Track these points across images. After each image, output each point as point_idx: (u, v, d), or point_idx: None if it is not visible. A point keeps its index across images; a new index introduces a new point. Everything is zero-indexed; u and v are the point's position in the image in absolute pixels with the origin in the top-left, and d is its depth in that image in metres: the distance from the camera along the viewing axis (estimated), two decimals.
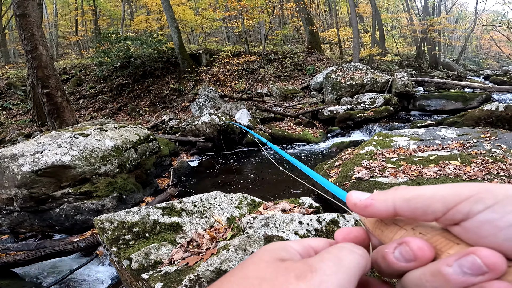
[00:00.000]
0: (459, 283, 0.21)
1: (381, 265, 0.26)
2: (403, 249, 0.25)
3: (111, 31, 14.28)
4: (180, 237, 1.43)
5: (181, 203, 1.63)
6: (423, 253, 0.24)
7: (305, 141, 7.52)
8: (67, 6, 23.98)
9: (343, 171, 4.04)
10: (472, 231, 0.23)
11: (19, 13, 6.20)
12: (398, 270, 0.25)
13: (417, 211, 0.25)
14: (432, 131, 5.08)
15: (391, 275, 0.27)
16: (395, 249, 0.25)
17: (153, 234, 1.42)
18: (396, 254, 0.25)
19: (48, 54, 6.96)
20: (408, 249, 0.24)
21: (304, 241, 0.29)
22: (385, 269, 0.26)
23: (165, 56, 14.05)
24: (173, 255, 1.28)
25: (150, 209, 1.54)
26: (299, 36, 21.56)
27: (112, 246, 1.34)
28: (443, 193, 0.25)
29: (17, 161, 3.67)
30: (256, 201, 1.81)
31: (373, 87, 10.14)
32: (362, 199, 0.28)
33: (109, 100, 13.01)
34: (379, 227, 0.29)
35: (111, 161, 4.06)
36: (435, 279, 0.22)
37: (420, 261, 0.24)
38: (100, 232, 1.42)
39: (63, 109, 7.23)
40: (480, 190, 0.23)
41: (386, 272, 0.27)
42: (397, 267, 0.25)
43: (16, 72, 14.82)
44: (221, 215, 1.58)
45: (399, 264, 0.25)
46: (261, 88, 12.07)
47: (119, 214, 1.48)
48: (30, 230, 3.89)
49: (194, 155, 7.23)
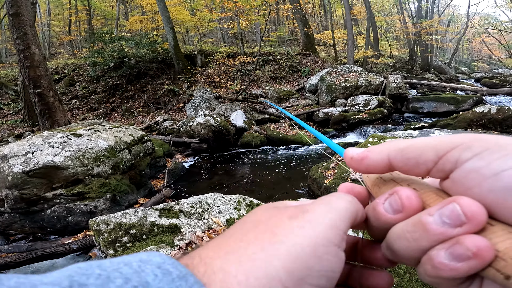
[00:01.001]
0: (437, 234, 0.21)
1: (371, 220, 0.27)
2: (393, 199, 0.25)
3: (105, 31, 14.15)
4: (179, 239, 1.41)
5: (179, 204, 1.60)
6: (410, 203, 0.24)
7: (300, 143, 7.53)
8: (61, 6, 23.72)
9: (339, 173, 4.04)
10: (459, 182, 0.22)
11: (12, 12, 6.12)
12: (385, 224, 0.25)
13: (409, 161, 0.25)
14: (426, 133, 5.12)
15: (379, 233, 0.27)
16: (386, 200, 0.25)
17: (151, 236, 1.39)
18: (385, 205, 0.25)
19: (40, 53, 6.86)
20: (397, 198, 0.24)
21: (301, 202, 0.30)
22: (375, 224, 0.26)
23: (160, 57, 13.96)
24: None
25: (148, 211, 1.51)
26: (294, 38, 21.64)
27: (108, 248, 1.31)
28: (435, 142, 0.25)
29: (8, 161, 3.59)
30: (254, 203, 1.79)
31: (367, 89, 10.21)
32: (358, 153, 0.29)
33: (102, 101, 12.86)
34: (378, 184, 0.29)
35: (105, 162, 4.01)
36: (415, 229, 0.22)
37: (406, 211, 0.24)
38: (95, 234, 1.39)
39: (55, 109, 7.13)
40: (471, 139, 0.23)
41: (375, 229, 0.27)
42: (384, 219, 0.25)
43: (8, 72, 14.59)
44: (219, 217, 1.56)
45: (387, 216, 0.25)
46: (256, 90, 12.06)
47: (116, 215, 1.45)
48: (21, 232, 3.81)
49: (189, 156, 7.18)
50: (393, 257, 0.25)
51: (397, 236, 0.24)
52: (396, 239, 0.24)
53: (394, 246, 0.24)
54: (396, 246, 0.24)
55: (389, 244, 0.25)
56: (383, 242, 0.26)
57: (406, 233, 0.23)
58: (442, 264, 0.21)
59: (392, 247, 0.25)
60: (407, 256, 0.23)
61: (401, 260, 0.25)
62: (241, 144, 7.59)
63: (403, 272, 1.45)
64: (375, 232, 0.28)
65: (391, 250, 0.25)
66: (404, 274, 1.45)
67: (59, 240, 3.23)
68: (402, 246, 0.23)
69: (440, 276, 0.21)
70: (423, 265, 0.22)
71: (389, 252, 0.26)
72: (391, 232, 0.25)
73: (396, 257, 0.25)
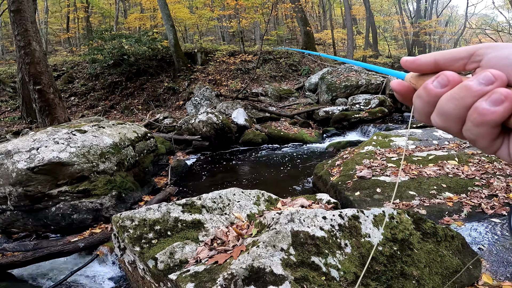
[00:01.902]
0: (478, 90, 0.30)
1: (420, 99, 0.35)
2: (440, 78, 0.33)
3: (105, 28, 14.02)
4: (203, 234, 1.39)
5: (201, 199, 1.58)
6: (454, 78, 0.32)
7: (302, 141, 7.52)
8: (59, 4, 23.49)
9: (345, 170, 4.04)
10: (486, 66, 0.32)
11: (14, 8, 6.05)
12: (435, 97, 0.33)
13: (451, 60, 0.34)
14: (430, 132, 5.14)
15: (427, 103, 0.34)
16: (433, 80, 0.33)
17: (175, 232, 1.37)
18: (434, 83, 0.33)
19: (41, 50, 6.79)
20: (444, 76, 0.33)
21: None
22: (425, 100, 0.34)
23: (160, 55, 13.88)
24: (199, 254, 1.24)
25: (171, 206, 1.49)
26: (293, 37, 21.63)
27: (134, 245, 1.29)
28: (466, 47, 0.35)
29: (12, 157, 3.54)
30: (273, 198, 1.78)
31: (368, 88, 10.23)
32: (412, 58, 0.37)
33: (101, 98, 12.76)
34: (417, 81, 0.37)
35: (110, 159, 3.97)
36: (461, 91, 0.31)
37: (451, 84, 0.32)
38: (119, 230, 1.36)
39: (55, 106, 7.05)
40: (490, 44, 0.33)
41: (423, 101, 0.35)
42: (434, 93, 0.33)
43: (5, 69, 14.43)
44: (240, 212, 1.54)
45: (436, 90, 0.33)
46: (256, 88, 12.04)
47: (140, 211, 1.43)
48: (23, 230, 3.75)
49: (191, 153, 7.15)
50: (442, 121, 0.33)
51: (447, 100, 0.32)
52: (447, 102, 0.32)
53: (444, 109, 0.32)
54: (446, 108, 0.32)
55: (439, 110, 0.33)
56: (433, 113, 0.34)
57: (455, 95, 0.31)
58: (485, 109, 0.29)
59: (442, 110, 0.33)
60: (455, 114, 0.31)
61: (448, 123, 0.33)
62: (243, 142, 7.57)
63: (423, 265, 1.45)
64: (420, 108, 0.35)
65: (441, 115, 0.33)
66: (424, 268, 1.44)
67: (65, 238, 3.19)
68: (451, 106, 0.31)
69: (485, 121, 0.29)
70: (469, 118, 0.30)
71: (439, 117, 0.33)
72: (441, 100, 0.32)
73: (445, 120, 0.33)
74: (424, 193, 3.29)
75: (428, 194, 3.26)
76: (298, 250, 1.27)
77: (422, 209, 3.03)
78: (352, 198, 3.38)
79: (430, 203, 3.12)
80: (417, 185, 3.45)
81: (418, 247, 1.51)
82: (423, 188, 3.37)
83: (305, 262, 1.24)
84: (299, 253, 1.26)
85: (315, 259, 1.25)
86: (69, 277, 2.58)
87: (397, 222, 1.62)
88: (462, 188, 3.34)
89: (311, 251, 1.27)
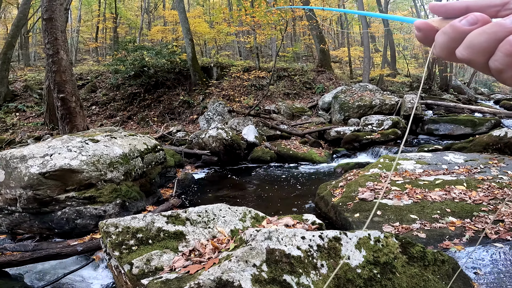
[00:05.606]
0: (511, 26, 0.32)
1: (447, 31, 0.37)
2: (470, 17, 0.36)
3: (129, 39, 14.64)
4: (183, 245, 1.44)
5: (186, 212, 1.64)
6: (483, 17, 0.35)
7: (310, 161, 7.49)
8: (91, 13, 24.72)
9: (347, 192, 4.02)
10: None
11: (46, 16, 6.32)
12: (462, 33, 0.36)
13: (483, 6, 0.37)
14: (440, 156, 5.04)
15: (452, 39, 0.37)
16: (462, 20, 0.36)
17: (156, 241, 1.43)
18: (462, 22, 0.36)
19: (68, 59, 7.13)
20: (473, 16, 0.35)
21: None
22: (450, 34, 0.37)
23: (178, 68, 14.33)
24: (175, 263, 1.29)
25: (155, 216, 1.56)
26: (309, 54, 21.86)
27: (114, 250, 1.36)
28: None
29: (26, 162, 3.74)
30: (259, 215, 1.82)
31: (382, 108, 10.14)
32: (441, 3, 0.41)
33: (120, 108, 13.23)
34: (441, 23, 0.39)
35: (118, 168, 4.11)
36: (493, 26, 0.34)
37: (481, 22, 0.35)
38: (103, 235, 1.44)
39: (76, 115, 7.37)
40: None
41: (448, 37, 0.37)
42: (462, 30, 0.36)
43: (34, 75, 15.23)
44: (224, 227, 1.59)
45: (463, 27, 0.36)
46: (269, 105, 12.17)
47: (125, 219, 1.50)
48: (29, 232, 3.89)
49: (199, 167, 7.26)
50: (468, 53, 0.35)
51: (478, 34, 0.34)
52: (477, 36, 0.34)
53: (473, 42, 0.35)
54: (475, 41, 0.34)
55: (467, 44, 0.35)
56: (459, 47, 0.36)
57: (486, 30, 0.34)
58: None
59: (471, 43, 0.35)
60: (484, 46, 0.34)
61: (475, 55, 0.35)
62: (251, 159, 7.62)
63: None
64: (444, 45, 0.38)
65: (468, 47, 0.35)
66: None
67: (65, 242, 3.30)
68: (482, 39, 0.34)
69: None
70: (500, 49, 0.33)
71: (466, 50, 0.36)
72: (471, 34, 0.35)
73: (472, 52, 0.35)
74: (426, 217, 3.23)
75: (430, 218, 3.20)
76: (271, 267, 1.29)
77: (422, 233, 2.97)
78: (351, 219, 3.35)
79: (431, 227, 3.06)
80: (420, 209, 3.39)
81: (401, 271, 1.50)
82: (425, 212, 3.31)
83: (276, 279, 1.26)
84: (271, 270, 1.28)
85: (287, 278, 1.27)
86: (61, 279, 2.67)
87: (382, 245, 1.62)
88: (467, 213, 3.26)
89: (285, 269, 1.29)
